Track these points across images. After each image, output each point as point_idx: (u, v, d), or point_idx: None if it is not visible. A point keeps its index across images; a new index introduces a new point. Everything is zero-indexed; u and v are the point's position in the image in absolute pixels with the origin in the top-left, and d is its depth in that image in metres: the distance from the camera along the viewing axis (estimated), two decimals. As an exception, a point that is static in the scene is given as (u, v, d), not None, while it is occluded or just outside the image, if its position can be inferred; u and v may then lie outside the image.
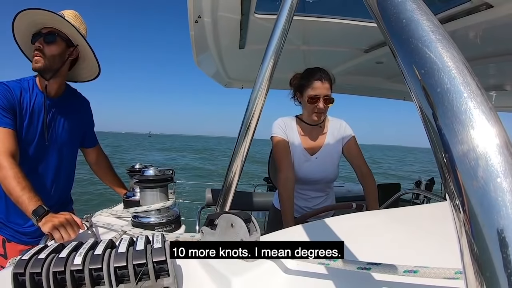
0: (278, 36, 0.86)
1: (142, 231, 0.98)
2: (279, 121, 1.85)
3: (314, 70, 1.74)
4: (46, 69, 1.48)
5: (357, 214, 1.04)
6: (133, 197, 1.37)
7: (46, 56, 1.47)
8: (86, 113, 1.78)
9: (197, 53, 2.13)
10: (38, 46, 1.46)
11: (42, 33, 1.49)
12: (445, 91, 0.25)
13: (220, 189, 0.99)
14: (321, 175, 1.81)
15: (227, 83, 3.15)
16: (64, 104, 1.62)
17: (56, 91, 1.58)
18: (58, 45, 1.51)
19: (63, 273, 0.52)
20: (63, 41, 1.52)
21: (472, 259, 0.21)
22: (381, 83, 2.96)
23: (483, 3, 1.27)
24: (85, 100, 1.79)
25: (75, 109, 1.68)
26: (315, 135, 1.84)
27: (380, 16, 0.34)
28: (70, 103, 1.66)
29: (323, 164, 1.81)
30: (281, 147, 1.78)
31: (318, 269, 0.59)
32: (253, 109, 0.91)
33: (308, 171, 1.79)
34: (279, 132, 1.80)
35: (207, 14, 1.50)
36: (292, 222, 1.59)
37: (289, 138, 1.81)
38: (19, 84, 1.52)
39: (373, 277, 0.55)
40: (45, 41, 1.48)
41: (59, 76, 1.55)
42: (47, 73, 1.50)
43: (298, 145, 1.81)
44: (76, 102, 1.72)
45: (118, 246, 0.59)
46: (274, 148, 1.83)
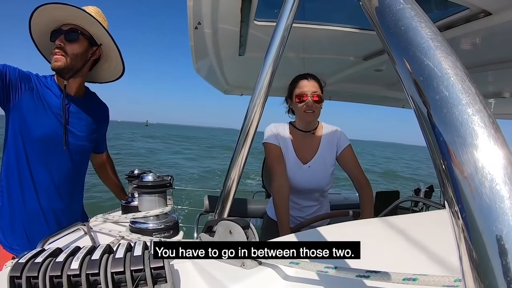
0: (277, 43, 0.86)
1: (140, 236, 0.98)
2: (272, 126, 1.81)
3: (303, 74, 1.75)
4: (66, 68, 1.40)
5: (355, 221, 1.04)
6: (131, 203, 1.36)
7: (68, 54, 1.39)
8: (104, 120, 1.71)
9: (197, 59, 2.14)
10: (59, 44, 1.38)
11: (62, 30, 1.40)
12: (444, 98, 0.25)
13: (219, 196, 0.99)
14: (314, 184, 1.77)
15: (226, 90, 3.16)
16: (83, 106, 1.54)
17: (76, 91, 1.51)
18: (81, 44, 1.42)
19: (60, 277, 0.52)
20: (86, 39, 1.44)
21: (471, 267, 0.21)
22: (380, 90, 2.97)
23: (482, 10, 1.28)
24: (105, 106, 1.72)
25: (93, 114, 1.60)
26: (308, 143, 1.80)
27: (378, 24, 0.34)
28: (90, 107, 1.58)
29: (316, 173, 1.76)
30: (274, 154, 1.74)
31: (317, 276, 0.58)
32: (252, 116, 0.91)
33: (300, 180, 1.75)
34: (272, 138, 1.77)
35: (207, 21, 1.51)
36: (288, 231, 1.56)
37: (282, 144, 1.77)
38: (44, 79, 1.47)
39: (372, 285, 0.55)
40: (66, 39, 1.39)
41: (79, 76, 1.48)
42: (67, 72, 1.42)
43: (291, 152, 1.77)
44: (95, 107, 1.64)
45: (115, 252, 0.59)
46: (267, 155, 1.79)
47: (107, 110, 1.73)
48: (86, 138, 1.57)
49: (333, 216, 1.79)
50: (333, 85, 2.82)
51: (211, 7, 1.38)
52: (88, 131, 1.57)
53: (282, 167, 1.72)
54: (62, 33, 1.39)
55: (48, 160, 1.46)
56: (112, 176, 1.85)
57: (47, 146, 1.45)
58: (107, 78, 1.68)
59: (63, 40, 1.39)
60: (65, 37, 1.39)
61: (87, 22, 1.41)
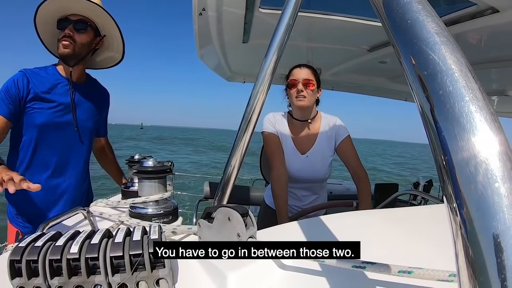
0: (282, 32, 0.85)
1: (139, 221, 0.98)
2: (270, 115, 1.81)
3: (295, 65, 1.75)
4: (73, 55, 1.48)
5: (353, 212, 1.04)
6: (131, 188, 1.37)
7: (76, 43, 1.47)
8: (105, 103, 1.80)
9: (200, 46, 2.13)
10: (68, 33, 1.46)
11: (71, 19, 1.48)
12: (447, 93, 0.25)
13: (219, 183, 0.99)
14: (312, 175, 1.77)
15: (230, 76, 3.14)
16: (87, 91, 1.64)
17: (78, 77, 1.60)
18: (88, 34, 1.52)
19: (59, 261, 0.53)
20: (92, 30, 1.53)
21: (467, 263, 0.21)
22: (384, 82, 2.95)
23: (489, 7, 1.26)
24: (106, 90, 1.81)
25: (96, 97, 1.70)
26: (306, 133, 1.79)
27: (385, 16, 0.33)
28: (92, 91, 1.68)
29: (314, 164, 1.76)
30: (273, 143, 1.75)
31: (313, 266, 0.59)
32: (254, 103, 0.91)
33: (298, 170, 1.75)
34: (270, 127, 1.77)
35: (212, 7, 1.50)
36: (286, 219, 1.58)
37: (280, 133, 1.77)
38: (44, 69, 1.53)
39: (367, 276, 0.55)
40: (75, 28, 1.48)
41: (82, 63, 1.57)
42: (72, 59, 1.50)
43: (289, 142, 1.78)
44: (97, 91, 1.74)
45: (115, 236, 0.59)
46: (265, 144, 1.80)
47: (107, 94, 1.81)
48: (91, 120, 1.66)
49: (336, 206, 1.77)
50: (336, 75, 2.81)
51: None
52: (92, 114, 1.66)
53: (280, 156, 1.73)
54: (71, 22, 1.47)
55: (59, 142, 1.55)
56: (111, 161, 1.89)
57: (59, 130, 1.54)
58: (104, 64, 1.77)
59: (72, 29, 1.47)
60: (74, 26, 1.48)
61: (96, 14, 1.50)
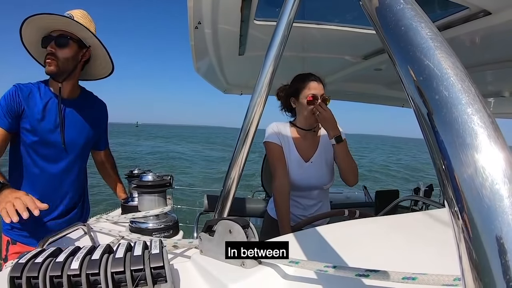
0: (277, 43, 0.86)
1: (140, 236, 0.98)
2: (273, 125, 1.82)
3: (307, 74, 1.75)
4: (59, 72, 1.48)
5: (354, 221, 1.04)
6: (131, 203, 1.36)
7: (59, 59, 1.46)
8: (102, 116, 1.77)
9: (197, 59, 2.14)
10: (50, 50, 1.45)
11: (52, 36, 1.47)
12: (443, 98, 0.25)
13: (218, 195, 0.99)
14: (316, 181, 1.77)
15: (226, 89, 3.16)
16: (79, 106, 1.62)
17: (70, 93, 1.59)
18: (71, 48, 1.50)
19: (60, 277, 0.52)
20: (75, 42, 1.51)
21: (471, 266, 0.21)
22: (380, 90, 2.97)
23: (481, 10, 1.27)
24: (102, 103, 1.78)
25: (90, 112, 1.67)
26: (309, 140, 1.81)
27: (378, 23, 0.34)
28: (86, 105, 1.66)
29: (318, 170, 1.77)
30: (276, 154, 1.75)
31: (316, 275, 0.58)
32: (252, 115, 0.91)
33: (303, 177, 1.75)
34: (273, 137, 1.77)
35: (207, 20, 1.51)
36: (288, 230, 1.56)
37: (283, 143, 1.77)
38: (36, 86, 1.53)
39: (371, 284, 0.55)
40: (57, 45, 1.46)
41: (72, 78, 1.55)
42: (60, 76, 1.49)
43: (293, 150, 1.78)
44: (91, 105, 1.71)
45: (115, 251, 0.59)
46: (268, 155, 1.80)
47: (104, 107, 1.79)
48: (83, 136, 1.64)
49: (329, 216, 1.78)
50: (332, 84, 2.82)
51: (211, 7, 1.38)
52: (84, 130, 1.64)
53: (283, 166, 1.73)
54: (52, 39, 1.47)
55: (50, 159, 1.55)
56: (112, 174, 1.88)
57: (48, 146, 1.53)
58: (99, 75, 1.76)
59: (54, 46, 1.46)
60: (55, 43, 1.47)
61: (74, 27, 1.48)
